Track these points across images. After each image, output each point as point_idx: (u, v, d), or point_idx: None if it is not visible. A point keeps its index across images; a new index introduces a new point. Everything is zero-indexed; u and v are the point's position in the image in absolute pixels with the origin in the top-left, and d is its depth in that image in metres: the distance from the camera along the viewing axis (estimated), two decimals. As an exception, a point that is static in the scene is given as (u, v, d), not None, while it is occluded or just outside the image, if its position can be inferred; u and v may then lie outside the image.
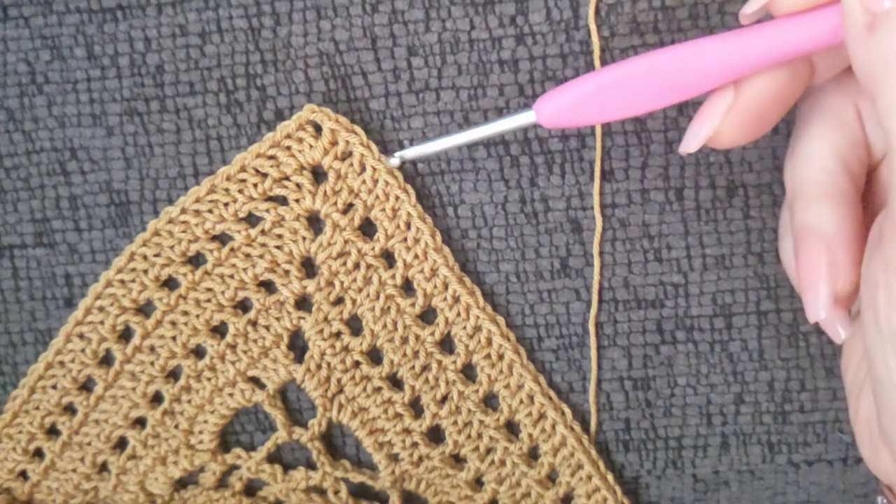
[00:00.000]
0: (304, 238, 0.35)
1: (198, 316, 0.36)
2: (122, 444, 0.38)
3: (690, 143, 0.27)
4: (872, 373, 0.25)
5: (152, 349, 0.36)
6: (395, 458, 0.37)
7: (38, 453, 0.38)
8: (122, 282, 0.36)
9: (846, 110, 0.28)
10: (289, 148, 0.34)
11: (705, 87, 0.26)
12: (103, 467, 0.38)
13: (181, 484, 0.38)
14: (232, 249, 0.35)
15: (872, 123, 0.28)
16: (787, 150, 0.28)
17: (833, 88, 0.28)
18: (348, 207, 0.35)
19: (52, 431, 0.38)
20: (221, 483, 0.38)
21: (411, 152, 0.33)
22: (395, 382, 0.37)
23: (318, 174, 0.35)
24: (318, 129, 0.34)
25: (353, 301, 0.35)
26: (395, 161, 0.34)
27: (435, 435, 0.37)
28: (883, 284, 0.23)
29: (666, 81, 0.26)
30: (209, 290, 0.36)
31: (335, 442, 0.38)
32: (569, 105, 0.28)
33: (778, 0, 0.25)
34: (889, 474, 0.27)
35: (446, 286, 0.35)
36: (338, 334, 0.36)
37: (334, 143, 0.34)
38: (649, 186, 0.35)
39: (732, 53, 0.25)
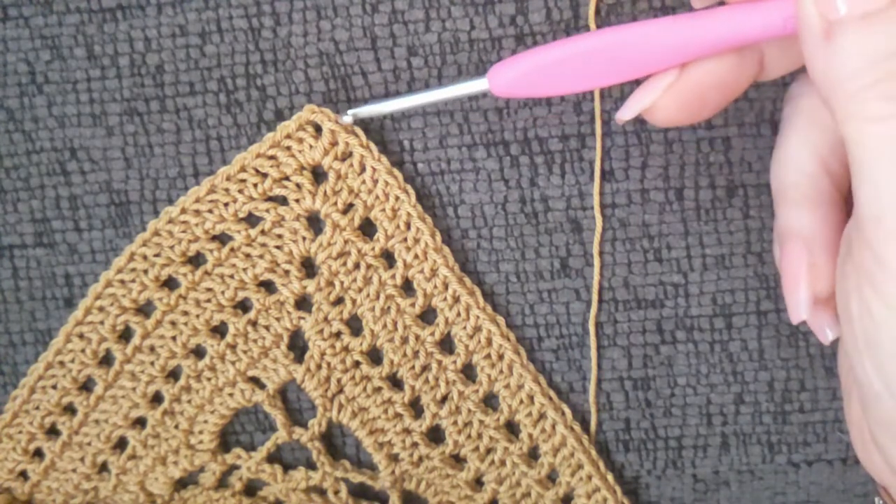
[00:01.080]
0: (304, 238, 0.35)
1: (198, 316, 0.36)
2: (122, 444, 0.38)
3: (625, 112, 0.28)
4: (855, 378, 0.25)
5: (152, 349, 0.36)
6: (395, 458, 0.37)
7: (38, 453, 0.38)
8: (122, 282, 0.36)
9: (828, 114, 0.28)
10: (289, 148, 0.34)
11: (656, 66, 0.27)
12: (103, 467, 0.38)
13: (181, 484, 0.38)
14: (232, 249, 0.35)
15: None
16: (773, 154, 0.29)
17: (815, 92, 0.28)
18: (348, 207, 0.35)
19: (52, 431, 0.38)
20: (221, 483, 0.38)
21: (365, 110, 0.33)
22: (395, 382, 0.37)
23: (318, 174, 0.35)
24: (318, 129, 0.34)
25: (353, 301, 0.35)
26: (347, 118, 0.33)
27: (435, 435, 0.37)
28: (855, 293, 0.24)
29: (618, 59, 0.27)
30: (209, 290, 0.36)
31: (335, 442, 0.38)
32: (521, 76, 0.28)
33: None
34: (882, 475, 0.27)
35: (446, 286, 0.35)
36: (338, 334, 0.36)
37: (334, 144, 0.34)
38: (649, 186, 0.35)
39: (683, 35, 0.26)
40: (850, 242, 0.24)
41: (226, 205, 0.35)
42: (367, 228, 0.35)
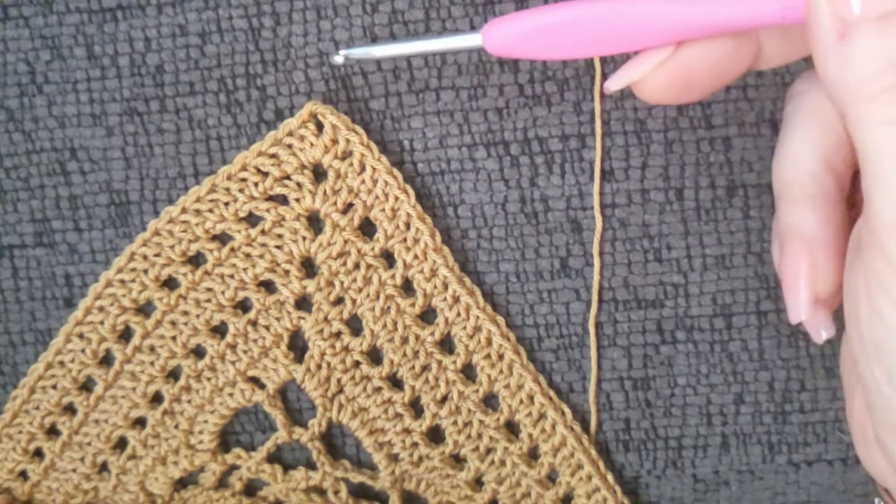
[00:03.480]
0: (304, 238, 0.35)
1: (198, 316, 0.36)
2: (122, 444, 0.38)
3: (614, 82, 0.27)
4: (861, 380, 0.25)
5: (152, 349, 0.36)
6: (395, 458, 0.37)
7: (38, 453, 0.38)
8: (122, 282, 0.36)
9: (831, 112, 0.27)
10: (290, 146, 0.34)
11: (650, 42, 0.26)
12: (103, 467, 0.38)
13: (181, 484, 0.38)
14: (232, 249, 0.35)
15: None
16: (774, 152, 0.28)
17: (818, 88, 0.28)
18: (348, 207, 0.35)
19: (52, 431, 0.38)
20: (221, 483, 0.38)
21: (356, 52, 0.31)
22: (395, 382, 0.37)
23: (318, 175, 0.35)
24: (319, 127, 0.34)
25: (353, 301, 0.35)
26: (338, 59, 0.31)
27: (435, 435, 0.37)
28: (864, 295, 0.23)
29: (615, 30, 0.26)
30: (209, 289, 0.36)
31: (335, 442, 0.38)
32: (516, 35, 0.28)
33: None
34: (884, 476, 0.27)
35: (446, 286, 0.35)
36: (338, 334, 0.36)
37: (335, 142, 0.34)
38: (649, 186, 0.35)
39: (679, 14, 0.25)
40: (860, 245, 0.24)
41: (226, 204, 0.35)
42: (367, 228, 0.35)
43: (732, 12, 0.25)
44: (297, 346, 0.36)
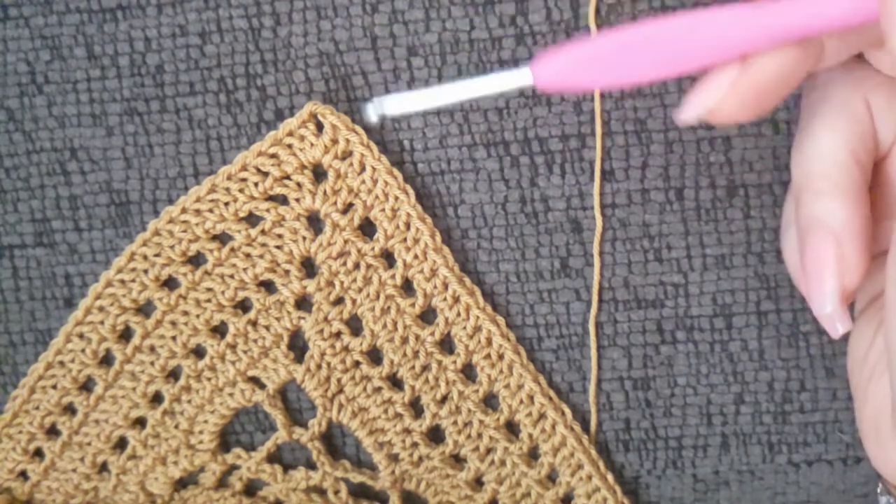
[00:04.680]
0: (304, 238, 0.35)
1: (198, 316, 0.36)
2: (122, 444, 0.38)
3: (689, 113, 0.26)
4: (894, 372, 0.24)
5: (152, 349, 0.36)
6: (395, 458, 0.37)
7: (38, 453, 0.38)
8: (122, 282, 0.36)
9: (856, 102, 0.27)
10: (290, 146, 0.34)
11: (713, 59, 0.25)
12: (103, 467, 0.38)
13: (181, 484, 0.38)
14: (232, 249, 0.35)
15: (882, 115, 0.27)
16: (794, 143, 0.28)
17: (842, 79, 0.27)
18: (348, 207, 0.35)
19: (52, 431, 0.38)
20: (221, 483, 0.38)
21: (391, 104, 0.26)
22: (395, 382, 0.37)
23: (318, 175, 0.35)
24: (319, 127, 0.34)
25: (353, 301, 0.35)
26: (372, 117, 0.27)
27: (435, 435, 0.37)
28: None
29: (681, 48, 0.25)
30: (209, 289, 0.36)
31: (335, 442, 0.38)
32: (572, 67, 0.26)
33: None
34: None
35: (446, 286, 0.35)
36: (338, 334, 0.36)
37: (335, 141, 0.34)
38: (649, 186, 0.35)
39: (749, 25, 0.24)
40: None
41: (226, 204, 0.35)
42: (367, 228, 0.35)
43: (803, 19, 0.24)
44: (297, 346, 0.36)
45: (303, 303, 0.36)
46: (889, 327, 0.24)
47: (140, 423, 0.37)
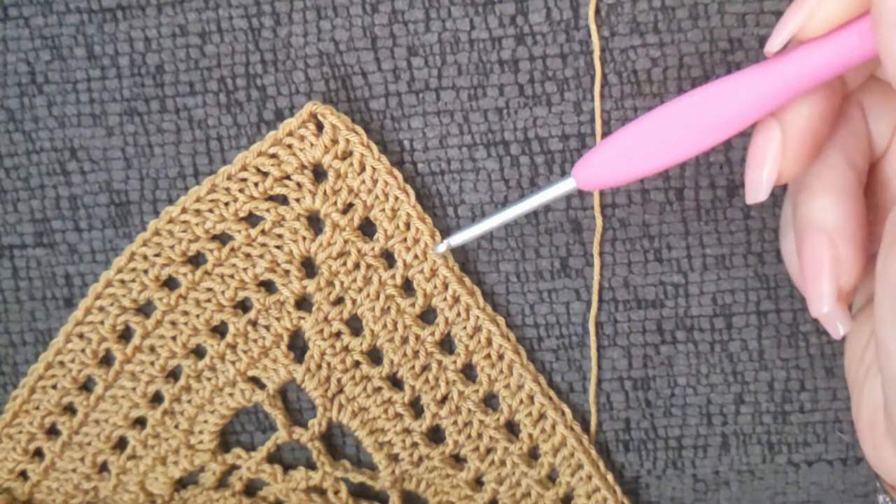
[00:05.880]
0: (304, 238, 0.35)
1: (198, 316, 0.36)
2: (122, 444, 0.38)
3: (759, 193, 0.26)
4: (884, 370, 0.24)
5: (152, 349, 0.36)
6: (395, 458, 0.37)
7: (38, 453, 0.38)
8: (122, 282, 0.36)
9: (850, 105, 0.28)
10: (290, 146, 0.34)
11: (746, 122, 0.26)
12: (103, 467, 0.38)
13: (181, 484, 0.38)
14: (232, 249, 0.35)
15: (876, 118, 0.28)
16: None
17: (835, 84, 0.28)
18: (348, 207, 0.35)
19: (52, 431, 0.38)
20: (221, 483, 0.38)
21: (457, 239, 0.32)
22: (395, 382, 0.37)
23: (318, 174, 0.35)
24: (319, 127, 0.34)
25: (353, 301, 0.35)
26: (441, 248, 0.33)
27: (435, 435, 0.37)
28: None
29: (703, 123, 0.26)
30: (209, 289, 0.36)
31: (335, 442, 0.38)
32: (606, 163, 0.27)
33: (807, 26, 0.24)
34: (893, 472, 0.27)
35: (446, 286, 0.35)
36: (338, 334, 0.36)
37: (335, 142, 0.34)
38: (649, 186, 0.35)
39: (769, 85, 0.25)
40: None
41: (226, 204, 0.35)
42: (367, 228, 0.35)
43: (821, 57, 0.24)
44: (297, 346, 0.36)
45: (303, 303, 0.36)
46: (877, 323, 0.24)
47: (140, 423, 0.37)
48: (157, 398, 0.37)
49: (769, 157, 0.26)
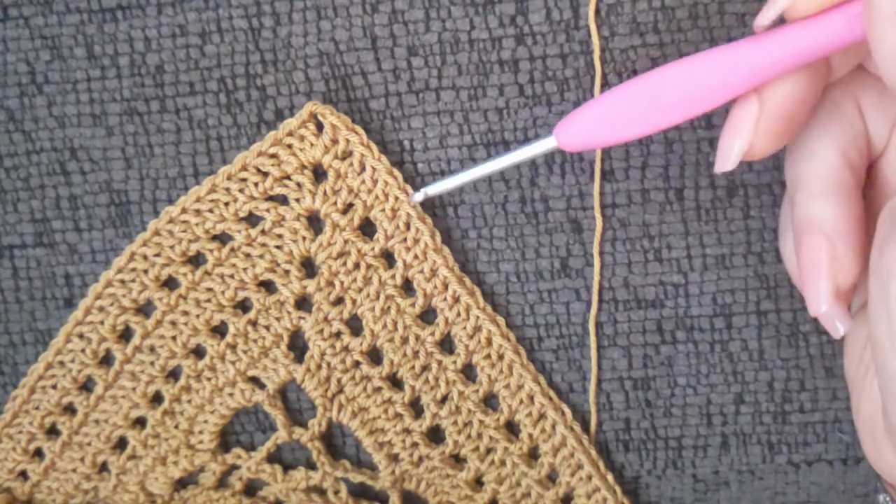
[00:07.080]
0: (304, 238, 0.35)
1: (198, 316, 0.36)
2: (122, 444, 0.38)
3: (727, 162, 0.27)
4: (879, 368, 0.24)
5: (152, 349, 0.36)
6: (395, 458, 0.37)
7: (38, 453, 0.38)
8: (122, 282, 0.36)
9: (847, 104, 0.28)
10: (290, 146, 0.34)
11: (728, 95, 0.26)
12: (103, 467, 0.38)
13: (181, 484, 0.38)
14: (232, 249, 0.35)
15: (874, 117, 0.28)
16: (787, 145, 0.28)
17: (834, 83, 0.28)
18: (348, 207, 0.35)
19: (52, 431, 0.38)
20: (221, 483, 0.38)
21: (435, 189, 0.33)
22: (395, 382, 0.37)
23: (318, 175, 0.35)
24: (319, 127, 0.34)
25: (353, 301, 0.35)
26: (418, 197, 0.34)
27: (435, 435, 0.37)
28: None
29: (687, 92, 0.26)
30: (209, 290, 0.36)
31: (335, 442, 0.38)
32: (589, 124, 0.27)
33: (796, 5, 0.24)
34: (893, 473, 0.27)
35: (446, 286, 0.35)
36: (338, 334, 0.36)
37: (335, 142, 0.34)
38: (649, 186, 0.35)
39: (755, 60, 0.25)
40: (895, 223, 0.24)
41: (226, 204, 0.35)
42: (367, 228, 0.35)
43: (808, 44, 0.25)
44: (297, 346, 0.36)
45: (303, 303, 0.36)
46: (872, 320, 0.24)
47: (140, 423, 0.37)
48: (157, 398, 0.37)
49: (743, 129, 0.26)
